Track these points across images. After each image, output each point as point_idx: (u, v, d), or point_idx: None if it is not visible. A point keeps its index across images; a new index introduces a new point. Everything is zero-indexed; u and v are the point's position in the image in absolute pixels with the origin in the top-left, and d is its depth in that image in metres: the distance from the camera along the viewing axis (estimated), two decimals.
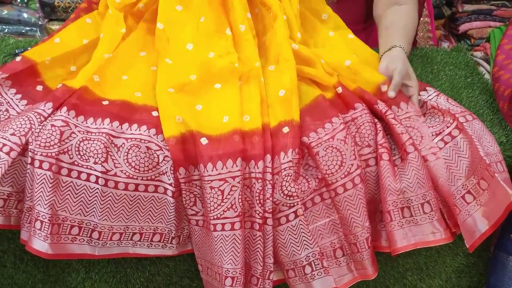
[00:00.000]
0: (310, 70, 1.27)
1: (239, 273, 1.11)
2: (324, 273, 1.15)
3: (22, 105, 1.22)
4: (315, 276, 1.15)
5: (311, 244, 1.13)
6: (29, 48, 1.51)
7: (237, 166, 1.09)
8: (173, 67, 1.28)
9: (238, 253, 1.10)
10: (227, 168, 1.09)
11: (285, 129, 1.14)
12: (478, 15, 1.83)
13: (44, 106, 1.15)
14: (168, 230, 1.17)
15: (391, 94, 1.20)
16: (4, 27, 2.44)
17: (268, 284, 1.15)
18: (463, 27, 1.84)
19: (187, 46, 1.32)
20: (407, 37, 1.33)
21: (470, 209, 1.14)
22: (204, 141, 1.12)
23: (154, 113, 1.18)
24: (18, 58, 1.28)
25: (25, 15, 2.41)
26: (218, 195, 1.09)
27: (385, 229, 1.16)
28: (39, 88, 1.26)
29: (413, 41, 1.37)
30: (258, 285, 1.14)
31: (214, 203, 1.09)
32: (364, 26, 1.62)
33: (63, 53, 1.32)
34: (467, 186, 1.14)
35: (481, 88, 1.46)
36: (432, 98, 1.26)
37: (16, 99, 1.22)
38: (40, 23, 2.41)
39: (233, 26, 1.33)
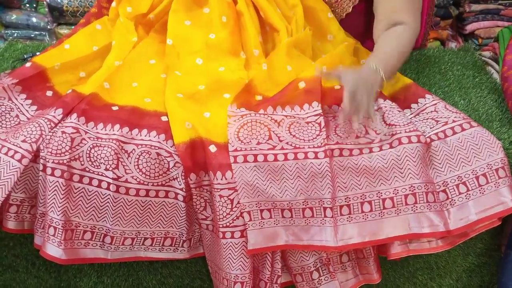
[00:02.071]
0: None
1: (248, 278, 1.12)
2: (331, 277, 1.17)
3: (32, 110, 1.23)
4: (322, 281, 1.17)
5: (318, 250, 1.14)
6: (37, 53, 1.52)
7: None
8: (182, 77, 1.29)
9: (247, 258, 1.11)
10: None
11: None
12: (486, 14, 1.83)
13: (54, 112, 1.16)
14: (179, 234, 1.18)
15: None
16: (13, 31, 2.45)
17: None
18: (470, 27, 1.84)
19: (197, 61, 1.33)
20: (383, 55, 1.26)
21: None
22: (212, 148, 1.12)
23: (164, 118, 1.19)
24: (27, 64, 1.29)
25: (34, 19, 2.42)
26: (227, 204, 1.09)
27: None
28: (49, 93, 1.27)
29: (400, 58, 1.28)
30: None
31: (223, 211, 1.09)
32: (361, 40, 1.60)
33: (73, 59, 1.33)
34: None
35: (489, 88, 1.45)
36: (429, 106, 1.25)
37: (26, 104, 1.23)
38: (49, 27, 2.41)
39: (246, 49, 1.35)
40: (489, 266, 1.38)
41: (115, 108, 1.20)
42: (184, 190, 1.12)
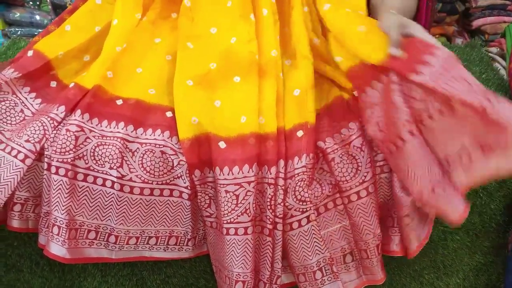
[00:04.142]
0: (328, 68, 1.24)
1: (250, 277, 1.11)
2: (334, 278, 1.15)
3: (36, 104, 1.21)
4: (325, 282, 1.15)
5: (322, 250, 1.13)
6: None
7: (252, 171, 1.08)
8: (194, 52, 1.25)
9: (250, 257, 1.10)
10: (243, 173, 1.08)
11: (300, 133, 1.13)
12: (492, 10, 1.81)
13: (57, 110, 1.15)
14: (184, 233, 1.17)
15: (393, 51, 1.09)
16: (16, 29, 2.46)
17: None
18: (476, 23, 1.82)
19: (211, 30, 1.28)
20: (401, 7, 1.24)
21: None
22: (222, 144, 1.10)
23: (168, 114, 1.17)
24: (30, 53, 1.25)
25: (37, 17, 2.42)
26: (233, 200, 1.08)
27: (400, 232, 1.16)
28: (53, 84, 1.25)
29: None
30: None
31: (228, 207, 1.08)
32: None
33: (76, 45, 1.29)
34: None
35: (496, 84, 1.44)
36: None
37: (31, 98, 1.22)
38: (50, 23, 2.42)
39: (257, 10, 1.29)
40: (496, 265, 1.38)
41: (119, 102, 1.18)
42: (189, 188, 1.11)
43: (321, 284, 1.15)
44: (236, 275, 1.11)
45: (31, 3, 2.42)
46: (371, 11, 1.34)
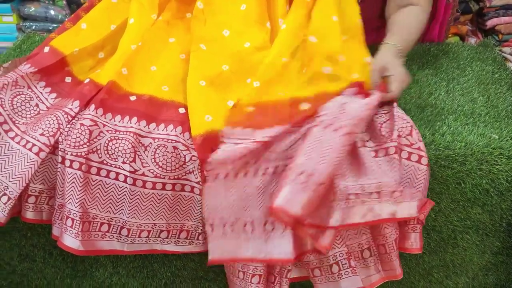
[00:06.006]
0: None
1: (265, 271, 1.13)
2: (352, 272, 1.14)
3: (51, 98, 1.23)
4: (342, 275, 1.14)
5: (338, 244, 1.13)
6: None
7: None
8: (206, 54, 1.27)
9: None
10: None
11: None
12: (507, 10, 1.80)
13: (72, 104, 1.17)
14: (195, 227, 1.18)
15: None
16: (31, 24, 2.48)
17: (285, 283, 1.16)
18: (490, 22, 1.81)
19: (224, 32, 1.30)
20: (403, 33, 1.33)
21: None
22: None
23: (181, 110, 1.18)
24: (46, 49, 1.28)
25: (52, 12, 2.44)
26: None
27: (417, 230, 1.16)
28: (68, 79, 1.27)
29: (417, 38, 1.36)
30: (275, 283, 1.16)
31: None
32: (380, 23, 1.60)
33: (92, 43, 1.31)
34: None
35: (509, 84, 1.44)
36: None
37: (46, 92, 1.24)
38: (66, 20, 2.44)
39: (273, 19, 1.31)
40: (505, 265, 1.37)
41: (132, 98, 1.20)
42: (200, 183, 1.12)
43: (338, 277, 1.15)
44: (253, 269, 1.12)
45: None
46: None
